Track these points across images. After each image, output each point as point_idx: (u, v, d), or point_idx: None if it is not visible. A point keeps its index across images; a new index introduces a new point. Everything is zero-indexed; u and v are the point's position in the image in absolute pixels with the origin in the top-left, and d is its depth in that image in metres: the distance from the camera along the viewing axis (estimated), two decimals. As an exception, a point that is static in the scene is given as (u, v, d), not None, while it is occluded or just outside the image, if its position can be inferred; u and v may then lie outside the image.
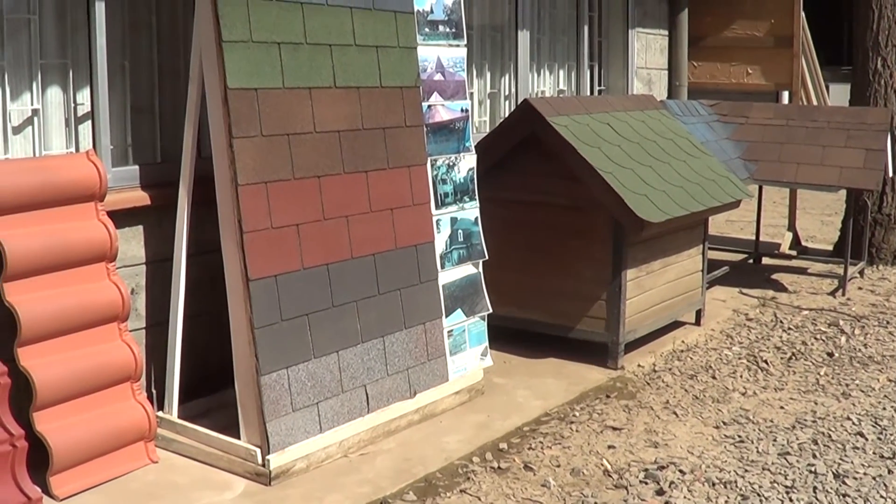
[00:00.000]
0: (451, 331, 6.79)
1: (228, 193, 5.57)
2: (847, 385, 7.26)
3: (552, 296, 7.73)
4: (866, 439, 6.20)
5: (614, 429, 6.40)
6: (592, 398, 6.96)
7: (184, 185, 5.99)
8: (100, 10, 6.08)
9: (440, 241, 6.74)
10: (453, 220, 6.86)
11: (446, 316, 6.75)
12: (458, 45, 7.04)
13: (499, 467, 5.85)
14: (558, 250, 7.67)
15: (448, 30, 6.95)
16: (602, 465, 5.88)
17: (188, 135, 5.99)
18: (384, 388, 6.26)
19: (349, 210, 6.11)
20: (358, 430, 6.05)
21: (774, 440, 6.20)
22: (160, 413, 6.09)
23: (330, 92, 6.07)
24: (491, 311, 7.14)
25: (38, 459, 5.31)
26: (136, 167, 6.35)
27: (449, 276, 6.81)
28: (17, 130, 6.03)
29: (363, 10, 6.32)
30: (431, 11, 6.83)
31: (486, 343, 7.12)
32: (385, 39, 6.46)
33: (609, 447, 6.12)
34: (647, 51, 11.67)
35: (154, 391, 6.27)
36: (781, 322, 8.92)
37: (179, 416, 6.08)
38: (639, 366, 7.66)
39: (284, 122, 5.79)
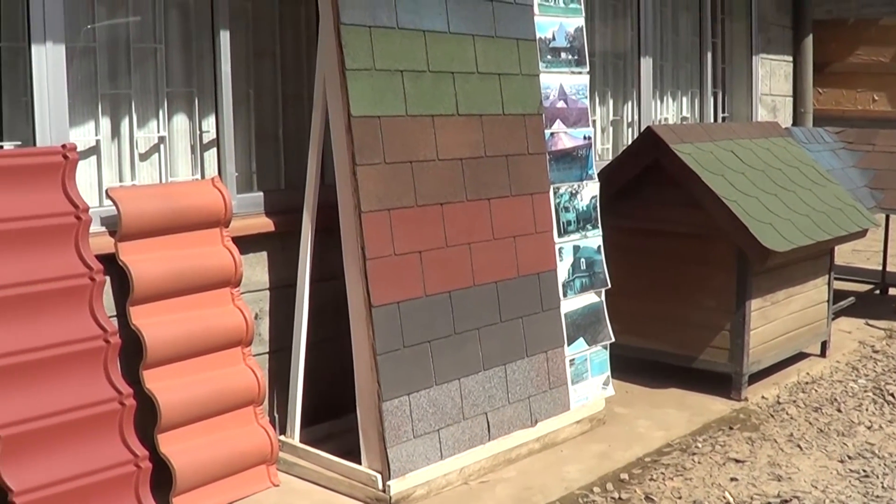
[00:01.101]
0: (573, 359, 6.72)
1: (352, 220, 5.57)
2: (978, 420, 7.05)
3: (675, 325, 7.62)
4: None
5: (737, 461, 6.27)
6: (715, 429, 6.83)
7: (307, 211, 6.01)
8: (224, 39, 6.17)
9: (563, 270, 6.68)
10: (576, 249, 6.80)
11: (568, 344, 6.68)
12: (580, 73, 7.00)
13: (619, 498, 5.75)
14: (682, 279, 7.57)
15: (570, 57, 6.91)
16: (724, 497, 5.76)
17: (312, 162, 6.00)
18: (505, 415, 6.21)
19: (472, 237, 6.08)
20: (479, 457, 5.99)
21: (901, 475, 6.04)
22: (282, 437, 6.10)
23: (452, 120, 6.05)
24: (613, 340, 7.06)
25: (162, 480, 5.36)
26: (261, 194, 6.40)
27: (571, 304, 6.75)
28: (144, 157, 6.12)
29: (485, 38, 6.30)
30: (553, 39, 6.80)
31: (608, 372, 7.04)
32: (507, 67, 6.43)
33: (731, 479, 5.99)
34: (772, 77, 11.51)
35: (276, 415, 6.28)
36: (909, 354, 8.70)
37: (301, 441, 6.08)
38: (762, 397, 7.50)
39: (407, 150, 5.79)
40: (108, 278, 5.37)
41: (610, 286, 7.05)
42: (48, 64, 5.46)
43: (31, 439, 4.91)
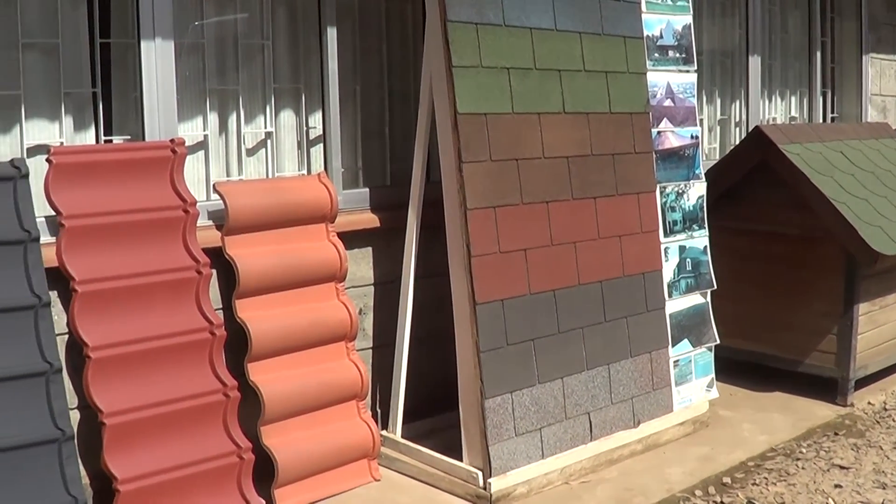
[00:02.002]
0: (678, 361, 6.64)
1: (457, 217, 5.55)
2: None
3: (780, 328, 7.50)
4: None
5: (842, 468, 6.15)
6: (820, 435, 6.71)
7: (413, 208, 6.01)
8: (331, 36, 6.17)
9: (668, 270, 6.61)
10: (682, 249, 6.72)
11: (673, 345, 6.60)
12: (688, 71, 6.91)
13: (721, 502, 5.67)
14: (788, 282, 7.44)
15: (678, 55, 6.83)
16: (828, 504, 5.67)
17: (418, 159, 6.00)
18: (608, 416, 6.15)
19: (577, 236, 6.03)
20: (580, 457, 5.94)
21: None
22: (384, 432, 6.10)
23: (559, 118, 6.00)
24: (718, 341, 6.96)
25: (264, 472, 5.38)
26: (367, 190, 6.41)
27: (676, 305, 6.67)
28: (251, 152, 6.16)
29: (592, 36, 6.23)
30: (661, 37, 6.72)
31: (713, 374, 6.94)
32: (614, 65, 6.36)
33: (836, 486, 5.87)
34: (882, 77, 11.28)
35: (379, 410, 6.27)
36: None
37: (403, 436, 6.08)
38: (869, 403, 7.35)
39: (513, 148, 5.75)
40: (214, 272, 5.43)
41: (715, 287, 6.94)
42: (157, 60, 5.51)
43: (136, 428, 4.97)
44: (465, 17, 5.59)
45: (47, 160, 5.00)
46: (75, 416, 5.05)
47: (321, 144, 6.31)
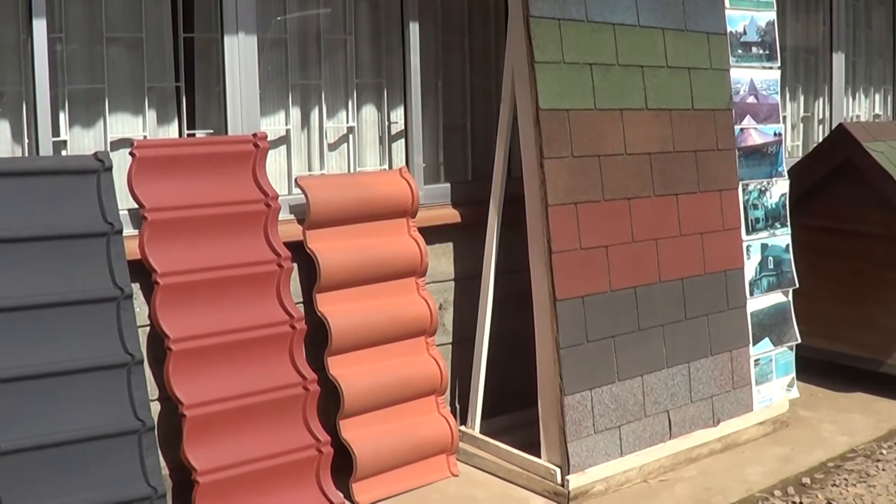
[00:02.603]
0: (758, 360, 6.51)
1: (538, 213, 5.48)
2: None
3: (863, 328, 7.32)
4: None
5: (924, 470, 6.01)
6: (902, 436, 6.57)
7: (494, 204, 5.94)
8: (414, 31, 6.14)
9: (749, 268, 6.48)
10: (763, 247, 6.59)
11: (753, 344, 6.47)
12: (771, 67, 6.77)
13: (800, 502, 5.55)
14: (871, 281, 7.27)
15: (761, 51, 6.69)
16: (910, 506, 5.53)
17: (499, 154, 5.93)
18: (687, 414, 6.05)
19: (658, 233, 5.94)
20: (659, 455, 5.85)
21: None
22: (463, 427, 6.05)
23: (641, 114, 5.91)
24: (799, 341, 6.82)
25: (342, 466, 5.36)
26: (448, 185, 6.37)
27: (757, 303, 6.54)
28: (333, 147, 6.13)
29: (675, 32, 6.13)
30: (744, 33, 6.59)
31: (793, 374, 6.80)
32: (697, 61, 6.25)
33: (918, 488, 5.74)
34: (968, 75, 11.05)
35: (458, 406, 6.24)
36: None
37: (481, 432, 6.03)
38: (953, 405, 7.19)
39: (595, 144, 5.67)
40: (295, 265, 5.41)
41: (797, 286, 6.80)
42: (240, 54, 5.51)
43: (216, 420, 4.97)
44: (548, 12, 5.53)
45: (130, 153, 5.01)
46: (156, 408, 5.06)
47: (403, 139, 6.28)
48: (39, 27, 4.94)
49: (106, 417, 4.57)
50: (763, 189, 6.61)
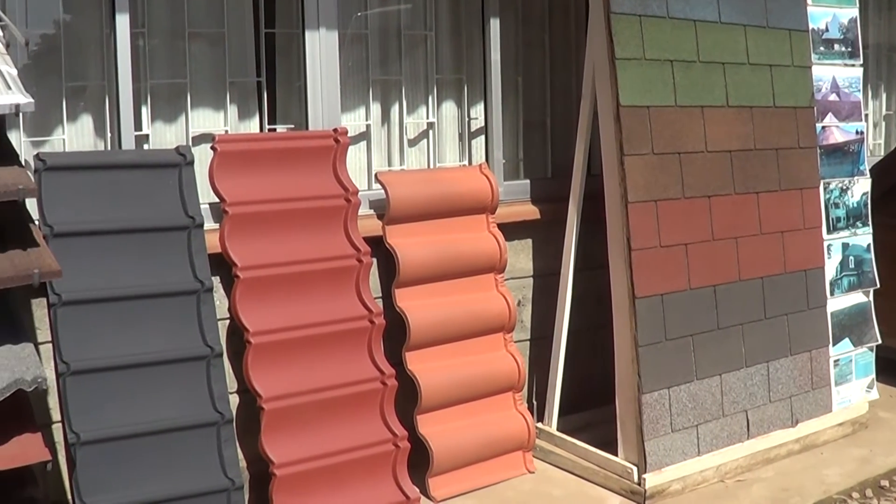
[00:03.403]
0: (838, 360, 6.39)
1: (618, 211, 5.42)
2: None
3: (944, 329, 7.16)
4: None
5: None
6: (983, 439, 6.41)
7: (573, 200, 5.88)
8: (494, 27, 6.09)
9: (830, 267, 6.35)
10: (844, 246, 6.46)
11: (833, 345, 6.35)
12: (853, 65, 6.63)
13: (879, 505, 5.47)
14: (953, 281, 7.10)
15: (843, 49, 6.55)
16: None
17: (579, 151, 5.87)
18: (765, 414, 5.95)
19: (738, 231, 5.84)
20: (736, 455, 5.77)
21: None
22: (539, 424, 6.00)
23: (722, 111, 5.82)
24: (880, 341, 6.67)
25: (418, 461, 5.33)
26: (527, 181, 6.32)
27: (838, 303, 6.41)
28: (413, 143, 6.12)
29: (757, 28, 6.03)
30: (826, 30, 6.45)
31: (873, 375, 6.66)
32: (779, 58, 6.14)
33: None
34: None
35: (535, 402, 6.20)
36: None
37: (558, 429, 5.97)
38: None
39: (676, 141, 5.59)
40: (374, 260, 5.40)
41: (878, 286, 6.66)
42: (321, 50, 5.50)
43: (294, 414, 4.96)
44: (629, 8, 5.47)
45: (212, 148, 5.02)
46: (234, 401, 5.07)
47: (482, 135, 6.24)
48: (122, 22, 4.97)
49: (185, 409, 4.57)
50: (844, 188, 6.48)
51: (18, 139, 4.89)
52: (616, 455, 5.56)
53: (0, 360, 3.59)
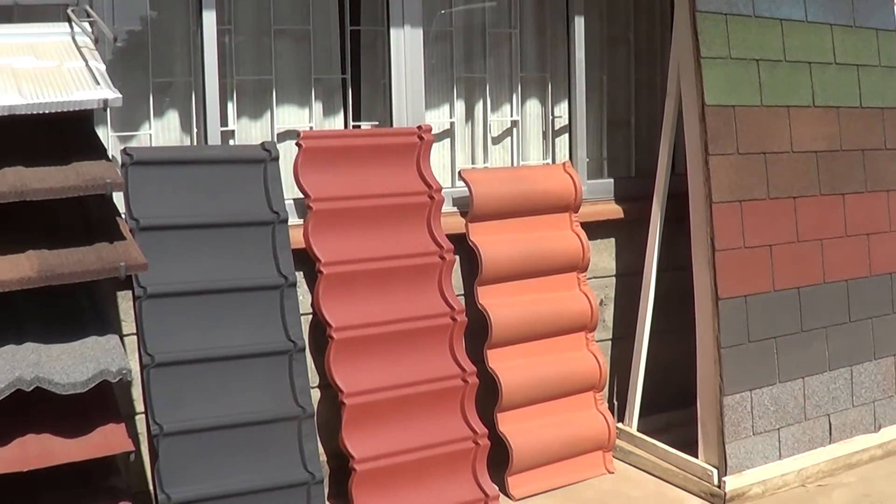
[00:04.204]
0: (923, 365, 6.26)
1: (702, 211, 5.36)
2: None
3: None
4: None
5: None
6: None
7: (657, 200, 5.82)
8: (579, 25, 6.05)
9: (917, 271, 6.24)
10: (931, 249, 6.32)
11: (918, 349, 6.23)
12: (941, 66, 6.50)
13: (963, 513, 5.35)
14: None
15: (931, 49, 6.43)
16: None
17: (664, 150, 5.81)
18: (848, 419, 5.85)
19: (823, 233, 5.75)
20: (818, 460, 5.66)
21: None
22: (620, 425, 5.95)
23: (808, 111, 5.74)
24: (966, 347, 6.53)
25: (498, 459, 5.30)
26: (611, 180, 6.27)
27: (923, 307, 6.28)
28: (497, 141, 6.09)
29: (843, 28, 5.94)
30: (913, 30, 6.34)
31: (960, 380, 6.51)
32: (866, 58, 6.05)
33: None
34: None
35: (615, 402, 6.16)
36: None
37: (638, 429, 5.93)
38: None
39: (761, 141, 5.52)
40: (457, 258, 5.36)
41: (967, 290, 6.52)
42: (406, 47, 5.49)
43: (375, 409, 4.96)
44: (714, 7, 5.42)
45: (297, 144, 5.04)
46: (316, 395, 5.08)
47: (566, 134, 6.19)
48: (209, 19, 5.00)
49: (267, 403, 4.58)
50: (931, 189, 6.33)
51: (106, 134, 4.93)
52: (696, 457, 5.50)
53: (86, 352, 3.62)
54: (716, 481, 5.33)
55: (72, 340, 3.68)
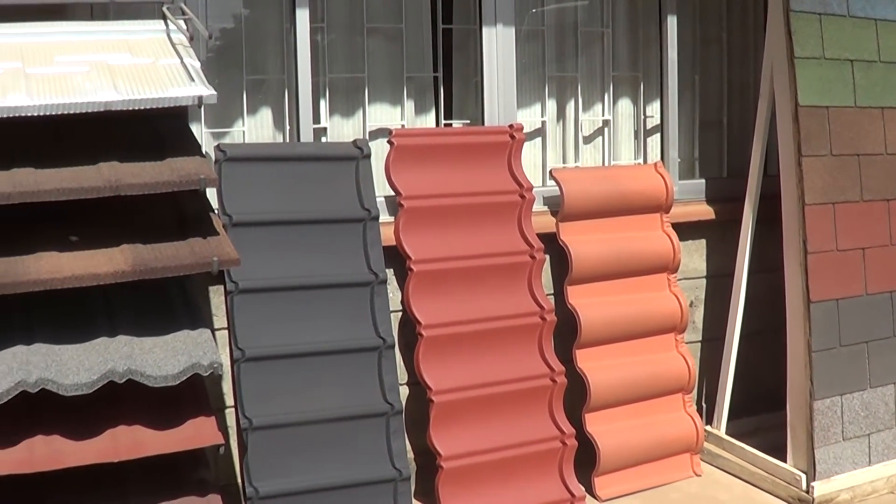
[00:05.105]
0: None
1: (794, 212, 5.28)
2: None
3: None
4: None
5: None
6: None
7: (749, 201, 5.74)
8: (672, 25, 5.99)
9: None
10: None
11: None
12: None
13: None
14: None
15: None
16: None
17: (756, 151, 5.73)
18: (941, 425, 5.73)
19: (918, 236, 5.65)
20: (909, 466, 5.58)
21: None
22: (708, 427, 5.87)
23: (903, 113, 5.65)
24: None
25: (584, 459, 5.27)
26: (702, 181, 6.19)
27: None
28: (588, 140, 6.04)
29: (941, 29, 5.81)
30: None
31: None
32: (963, 59, 5.91)
33: None
34: None
35: (704, 405, 6.08)
36: None
37: (727, 433, 5.84)
38: None
39: (854, 143, 5.42)
40: (547, 257, 5.33)
41: None
42: (498, 46, 5.48)
43: (463, 408, 4.94)
44: (808, 6, 5.34)
45: (389, 142, 5.04)
46: (404, 392, 5.07)
47: (658, 134, 6.14)
48: (302, 17, 5.03)
49: (356, 399, 4.59)
50: None
51: (200, 130, 4.97)
52: (785, 461, 5.42)
53: (178, 345, 3.64)
54: (804, 486, 5.24)
55: (164, 334, 3.70)
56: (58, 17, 4.44)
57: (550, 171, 5.52)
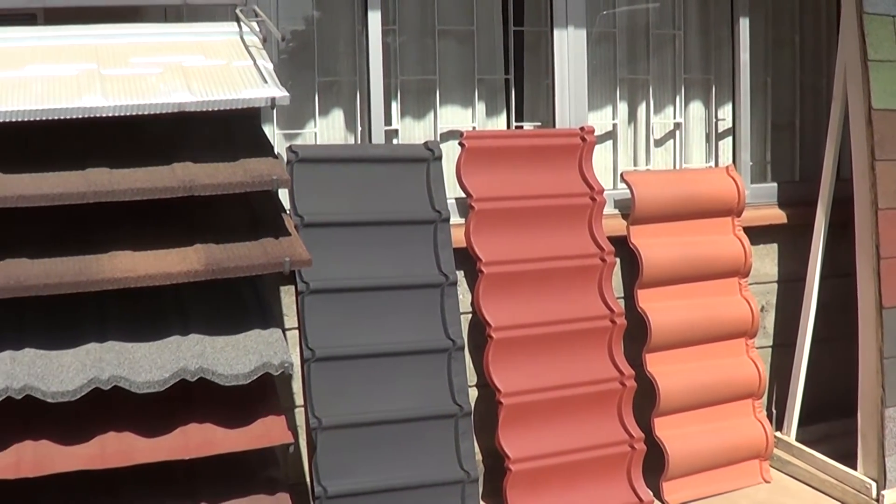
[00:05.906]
0: None
1: (867, 217, 5.21)
2: None
3: None
4: None
5: None
6: None
7: (821, 205, 5.67)
8: (744, 27, 5.92)
9: None
10: None
11: None
12: None
13: None
14: None
15: None
16: None
17: (829, 155, 5.66)
18: None
19: None
20: (982, 475, 5.46)
21: None
22: (778, 433, 5.79)
23: (977, 116, 5.54)
24: None
25: (653, 464, 5.24)
26: (774, 185, 6.11)
27: None
28: (659, 143, 6.00)
29: None
30: None
31: None
32: None
33: None
34: None
35: (774, 411, 6.02)
36: None
37: (797, 439, 5.76)
38: None
39: (930, 147, 5.36)
40: (617, 260, 5.30)
41: None
42: (569, 48, 5.45)
43: (532, 410, 4.93)
44: (882, 9, 5.28)
45: (460, 144, 5.03)
46: (473, 394, 5.05)
47: (730, 137, 6.08)
48: (374, 20, 5.04)
49: (425, 400, 4.59)
50: None
51: (272, 131, 5.00)
52: (855, 469, 5.34)
53: (249, 344, 3.66)
54: (874, 494, 5.16)
55: (236, 333, 3.72)
56: (132, 20, 4.48)
57: (621, 174, 5.47)
